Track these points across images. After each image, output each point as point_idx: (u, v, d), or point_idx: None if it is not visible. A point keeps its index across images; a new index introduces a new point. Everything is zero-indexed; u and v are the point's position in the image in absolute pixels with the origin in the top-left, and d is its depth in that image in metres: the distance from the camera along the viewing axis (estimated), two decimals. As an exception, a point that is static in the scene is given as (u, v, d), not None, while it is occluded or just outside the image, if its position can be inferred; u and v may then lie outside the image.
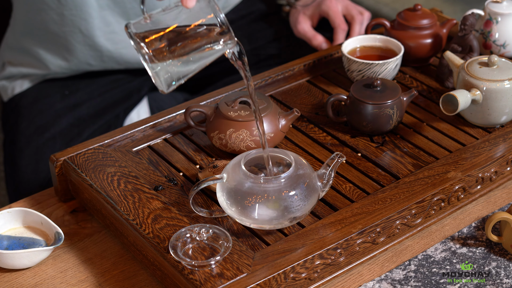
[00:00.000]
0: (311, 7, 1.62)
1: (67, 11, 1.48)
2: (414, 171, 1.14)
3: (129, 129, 1.22)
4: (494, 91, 1.20)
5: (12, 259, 1.05)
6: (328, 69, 1.40)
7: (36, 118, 1.51)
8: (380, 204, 1.07)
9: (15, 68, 1.57)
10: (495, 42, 1.40)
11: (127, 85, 1.61)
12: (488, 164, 1.14)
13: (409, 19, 1.39)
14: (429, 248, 1.09)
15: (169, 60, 0.96)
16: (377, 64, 1.30)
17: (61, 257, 1.09)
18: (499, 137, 1.20)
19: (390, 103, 1.20)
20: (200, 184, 1.02)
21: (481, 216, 1.14)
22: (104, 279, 1.05)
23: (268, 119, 1.17)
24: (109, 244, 1.11)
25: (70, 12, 1.48)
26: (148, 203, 1.07)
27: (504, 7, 1.40)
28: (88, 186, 1.12)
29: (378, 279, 1.04)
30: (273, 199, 1.00)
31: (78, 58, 1.54)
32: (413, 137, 1.23)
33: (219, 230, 1.00)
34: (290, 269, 0.98)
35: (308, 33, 1.59)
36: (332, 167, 1.03)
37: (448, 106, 1.21)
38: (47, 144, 1.48)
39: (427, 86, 1.35)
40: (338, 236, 1.02)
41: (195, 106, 1.20)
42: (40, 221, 1.11)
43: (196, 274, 0.96)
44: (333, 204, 1.09)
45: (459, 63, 1.26)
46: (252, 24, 1.70)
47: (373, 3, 2.11)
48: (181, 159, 1.18)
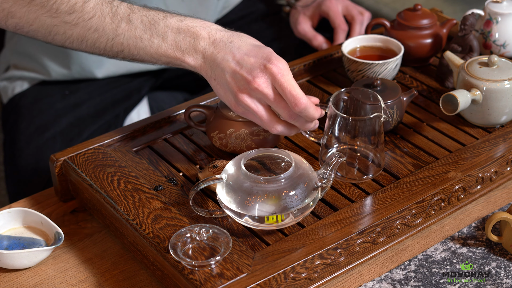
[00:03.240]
0: (311, 8, 1.62)
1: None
2: (414, 171, 1.14)
3: (129, 129, 1.22)
4: (494, 91, 1.20)
5: (12, 259, 1.05)
6: (328, 69, 1.40)
7: (36, 118, 1.51)
8: (380, 204, 1.07)
9: (18, 71, 1.58)
10: (495, 42, 1.40)
11: (127, 85, 1.62)
12: (488, 164, 1.14)
13: (409, 19, 1.39)
14: (429, 248, 1.09)
15: None
16: (377, 64, 1.30)
17: (61, 257, 1.09)
18: (499, 137, 1.20)
19: (390, 103, 1.20)
20: (200, 184, 1.02)
21: (481, 216, 1.14)
22: (104, 279, 1.05)
23: (268, 119, 1.17)
24: (109, 244, 1.11)
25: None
26: (148, 203, 1.07)
27: (504, 7, 1.40)
28: (88, 186, 1.12)
29: (378, 279, 1.04)
30: (273, 199, 1.00)
31: (81, 65, 1.54)
32: (413, 137, 1.23)
33: (219, 230, 1.00)
34: (290, 269, 0.98)
35: (308, 34, 1.60)
36: (332, 167, 1.03)
37: (448, 106, 1.21)
38: (47, 144, 1.48)
39: (427, 86, 1.35)
40: (338, 236, 1.02)
41: (195, 106, 1.19)
42: (40, 221, 1.11)
43: (196, 274, 0.96)
44: (333, 204, 1.09)
45: (459, 63, 1.26)
46: (252, 24, 1.71)
47: (373, 3, 2.11)
48: (181, 159, 1.18)
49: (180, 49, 1.02)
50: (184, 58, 1.03)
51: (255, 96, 1.05)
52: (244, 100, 1.05)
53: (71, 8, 1.03)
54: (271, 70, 1.03)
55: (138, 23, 1.03)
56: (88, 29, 1.04)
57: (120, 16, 1.03)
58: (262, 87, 1.04)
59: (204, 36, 1.02)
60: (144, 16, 1.03)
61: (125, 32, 1.03)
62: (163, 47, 1.03)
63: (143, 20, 1.03)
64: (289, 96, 1.04)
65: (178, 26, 1.03)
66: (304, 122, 1.08)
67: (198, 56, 1.03)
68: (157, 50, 1.03)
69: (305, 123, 1.09)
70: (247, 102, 1.05)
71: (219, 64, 1.03)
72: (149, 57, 1.06)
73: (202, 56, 1.02)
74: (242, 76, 1.03)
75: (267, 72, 1.04)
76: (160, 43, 1.03)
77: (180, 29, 1.02)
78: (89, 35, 1.04)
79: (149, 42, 1.03)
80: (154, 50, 1.04)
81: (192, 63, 1.03)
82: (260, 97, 1.05)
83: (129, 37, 1.03)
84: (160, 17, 1.04)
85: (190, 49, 1.02)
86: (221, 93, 1.07)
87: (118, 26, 1.03)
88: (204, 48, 1.02)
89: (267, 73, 1.04)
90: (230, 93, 1.06)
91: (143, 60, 1.07)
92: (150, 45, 1.03)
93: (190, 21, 1.04)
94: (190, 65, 1.04)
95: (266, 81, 1.04)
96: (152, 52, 1.04)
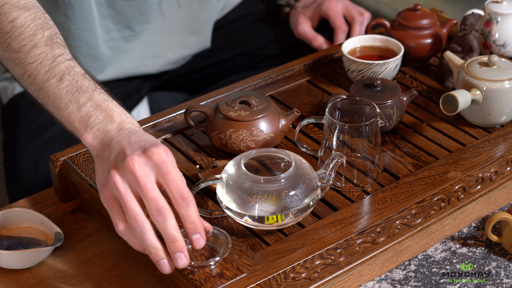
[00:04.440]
0: (311, 8, 1.62)
1: (73, 25, 1.49)
2: (414, 171, 1.14)
3: (129, 129, 1.22)
4: (494, 91, 1.20)
5: (12, 259, 1.05)
6: (328, 69, 1.40)
7: (36, 118, 1.51)
8: (380, 204, 1.07)
9: None
10: (495, 42, 1.40)
11: (127, 86, 1.62)
12: (488, 164, 1.14)
13: (409, 19, 1.39)
14: (429, 248, 1.09)
15: None
16: (377, 64, 1.30)
17: (61, 257, 1.09)
18: (499, 137, 1.20)
19: (390, 103, 1.20)
20: (200, 184, 1.02)
21: (481, 216, 1.14)
22: (104, 279, 1.05)
23: (268, 119, 1.17)
24: (109, 244, 1.11)
25: (77, 26, 1.49)
26: (148, 203, 1.07)
27: (504, 7, 1.40)
28: (88, 186, 1.12)
29: (378, 279, 1.04)
30: (273, 199, 1.00)
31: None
32: (413, 137, 1.23)
33: (218, 231, 1.00)
34: (290, 269, 0.98)
35: (308, 34, 1.60)
36: (332, 167, 1.03)
37: (448, 106, 1.21)
38: (47, 144, 1.48)
39: (427, 86, 1.35)
40: (338, 236, 1.02)
41: (195, 106, 1.20)
42: (40, 221, 1.11)
43: (196, 274, 0.96)
44: (333, 204, 1.09)
45: (459, 63, 1.26)
46: (252, 25, 1.71)
47: (373, 3, 2.11)
48: (181, 159, 1.18)
49: (87, 123, 0.98)
50: (84, 133, 0.98)
51: (126, 178, 0.92)
52: (114, 178, 0.92)
53: (19, 48, 1.04)
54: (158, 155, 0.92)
55: (66, 84, 1.01)
56: (24, 73, 1.04)
57: (55, 72, 1.02)
58: (137, 168, 0.91)
59: (116, 121, 0.97)
60: (76, 81, 1.01)
61: (51, 88, 1.01)
62: (73, 115, 0.99)
63: (72, 84, 1.01)
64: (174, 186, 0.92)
65: (99, 103, 0.99)
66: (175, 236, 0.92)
67: (100, 135, 0.97)
68: (67, 116, 1.00)
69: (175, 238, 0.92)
70: (116, 180, 0.92)
71: (112, 144, 0.95)
72: (60, 119, 1.02)
73: (103, 136, 0.97)
74: (123, 153, 0.93)
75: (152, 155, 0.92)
76: (73, 111, 0.99)
77: (99, 106, 0.98)
78: (24, 79, 1.04)
79: (65, 105, 1.00)
80: (65, 114, 1.00)
81: (89, 140, 0.98)
82: (132, 180, 0.91)
83: (51, 93, 1.01)
84: (89, 89, 1.01)
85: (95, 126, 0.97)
86: (98, 174, 0.96)
87: (48, 80, 1.02)
88: (109, 130, 0.97)
89: (151, 156, 0.92)
90: (105, 173, 0.94)
91: (57, 121, 1.04)
92: (64, 109, 1.00)
93: (112, 104, 1.00)
94: (87, 141, 0.98)
95: (145, 163, 0.92)
96: (62, 116, 1.01)
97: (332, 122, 1.09)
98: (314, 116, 1.14)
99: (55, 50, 1.04)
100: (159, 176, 0.92)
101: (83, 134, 0.99)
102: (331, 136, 1.10)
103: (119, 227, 0.93)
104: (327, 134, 1.10)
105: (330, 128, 1.10)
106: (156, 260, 0.92)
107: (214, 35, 1.69)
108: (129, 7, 1.51)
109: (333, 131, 1.09)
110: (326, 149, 1.11)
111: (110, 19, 1.52)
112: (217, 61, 1.70)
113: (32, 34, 1.05)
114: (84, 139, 0.99)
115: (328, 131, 1.10)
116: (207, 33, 1.65)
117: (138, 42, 1.56)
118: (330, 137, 1.10)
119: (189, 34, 1.62)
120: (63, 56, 1.04)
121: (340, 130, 1.09)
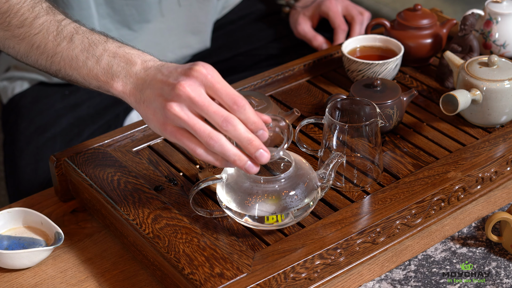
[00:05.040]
0: (311, 8, 1.62)
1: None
2: (414, 171, 1.14)
3: (129, 129, 1.22)
4: (494, 91, 1.20)
5: (12, 259, 1.05)
6: (328, 69, 1.40)
7: (36, 118, 1.51)
8: (380, 204, 1.07)
9: (19, 72, 1.58)
10: (495, 42, 1.40)
11: (127, 85, 1.61)
12: (488, 164, 1.14)
13: (409, 19, 1.39)
14: (429, 248, 1.09)
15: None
16: (377, 64, 1.30)
17: (61, 257, 1.09)
18: (499, 137, 1.20)
19: (390, 103, 1.20)
20: (200, 184, 1.02)
21: (481, 216, 1.14)
22: (104, 279, 1.05)
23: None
24: (109, 244, 1.11)
25: None
26: (148, 203, 1.07)
27: (504, 7, 1.40)
28: (88, 186, 1.12)
29: (378, 279, 1.04)
30: (273, 199, 1.00)
31: None
32: (413, 137, 1.23)
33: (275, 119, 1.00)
34: (290, 269, 0.98)
35: (308, 34, 1.60)
36: (332, 167, 1.03)
37: (448, 106, 1.21)
38: (47, 144, 1.48)
39: (427, 86, 1.35)
40: (338, 236, 1.02)
41: (195, 106, 1.19)
42: (40, 221, 1.11)
43: (196, 274, 0.96)
44: (333, 204, 1.09)
45: (459, 63, 1.26)
46: (252, 25, 1.71)
47: (373, 3, 2.11)
48: (181, 159, 1.18)
49: (111, 73, 0.99)
50: (112, 82, 0.99)
51: (184, 102, 0.94)
52: (172, 110, 0.93)
53: (21, 23, 1.04)
54: (200, 72, 0.94)
55: (78, 43, 1.01)
56: (32, 45, 1.04)
57: (63, 35, 1.03)
58: (189, 90, 0.93)
59: (138, 63, 0.98)
60: (86, 38, 1.02)
61: (64, 51, 1.02)
62: (95, 69, 1.00)
63: (84, 41, 1.02)
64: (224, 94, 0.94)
65: (115, 51, 1.00)
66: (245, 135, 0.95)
67: (129, 81, 0.98)
68: (89, 72, 1.01)
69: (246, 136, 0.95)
70: (175, 111, 0.93)
71: (149, 83, 0.97)
72: (81, 79, 1.03)
73: (134, 80, 0.98)
74: (168, 84, 0.95)
75: (195, 74, 0.94)
76: (93, 65, 1.00)
77: (116, 54, 1.00)
78: (33, 51, 1.04)
79: (83, 63, 1.01)
80: (86, 71, 1.01)
81: (120, 88, 0.98)
82: (189, 104, 0.93)
83: (66, 56, 1.02)
84: (101, 41, 1.02)
85: (121, 73, 0.98)
86: (149, 116, 0.98)
87: (58, 44, 1.02)
88: (136, 73, 0.98)
89: (194, 75, 0.94)
90: (159, 111, 0.95)
91: (77, 82, 1.05)
92: (83, 66, 1.01)
93: (128, 49, 1.01)
94: (118, 90, 0.99)
95: (193, 84, 0.94)
96: (84, 73, 1.02)
97: (332, 122, 1.09)
98: (314, 116, 1.14)
99: (57, 16, 1.05)
100: (208, 90, 0.94)
101: (112, 84, 1.00)
102: (331, 136, 1.10)
103: (198, 151, 0.95)
104: (327, 134, 1.10)
105: (330, 128, 1.10)
106: (241, 165, 0.95)
107: (214, 35, 1.69)
108: (128, 6, 1.51)
109: (333, 131, 1.09)
110: (326, 149, 1.11)
111: (109, 18, 1.52)
112: (217, 61, 1.70)
113: (31, 7, 1.05)
114: (114, 89, 1.00)
115: (328, 131, 1.10)
116: (207, 33, 1.65)
117: (137, 41, 1.56)
118: (330, 137, 1.10)
119: (189, 34, 1.62)
120: (67, 20, 1.04)
121: (340, 130, 1.09)
